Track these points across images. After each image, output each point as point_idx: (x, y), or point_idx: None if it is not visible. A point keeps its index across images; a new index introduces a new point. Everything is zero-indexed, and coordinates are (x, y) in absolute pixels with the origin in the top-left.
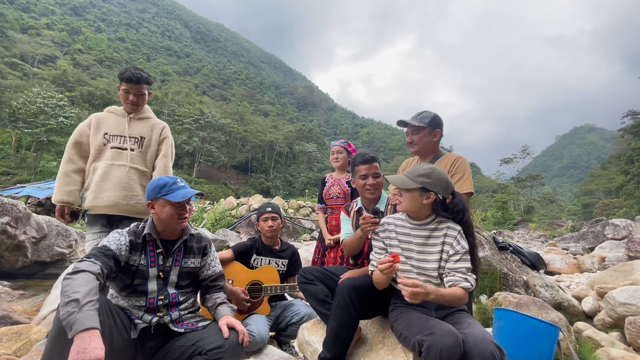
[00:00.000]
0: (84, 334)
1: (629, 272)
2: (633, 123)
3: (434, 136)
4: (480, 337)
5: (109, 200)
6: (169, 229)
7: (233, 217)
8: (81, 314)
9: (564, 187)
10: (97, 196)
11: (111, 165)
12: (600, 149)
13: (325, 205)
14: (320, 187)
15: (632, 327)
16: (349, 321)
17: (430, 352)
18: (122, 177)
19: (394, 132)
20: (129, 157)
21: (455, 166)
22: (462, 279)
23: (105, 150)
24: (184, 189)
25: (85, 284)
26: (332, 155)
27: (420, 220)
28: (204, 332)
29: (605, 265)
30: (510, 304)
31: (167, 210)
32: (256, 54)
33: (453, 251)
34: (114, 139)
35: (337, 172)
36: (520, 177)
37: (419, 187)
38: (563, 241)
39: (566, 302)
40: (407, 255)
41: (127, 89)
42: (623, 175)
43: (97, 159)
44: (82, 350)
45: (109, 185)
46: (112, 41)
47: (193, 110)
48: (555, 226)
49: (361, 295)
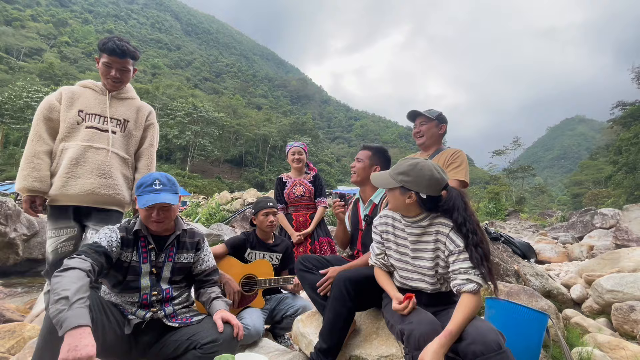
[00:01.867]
0: (75, 332)
1: (616, 259)
2: (622, 114)
3: (440, 129)
4: (481, 328)
5: (83, 188)
6: (150, 228)
7: (227, 211)
8: (71, 311)
9: (554, 177)
10: (67, 183)
11: (87, 147)
12: (590, 139)
13: (286, 204)
14: (280, 187)
15: (618, 313)
16: (345, 312)
17: (410, 340)
18: (100, 162)
19: (387, 124)
20: (110, 140)
21: (453, 158)
22: (464, 281)
23: (79, 129)
24: (155, 193)
25: (75, 282)
26: (292, 156)
27: (411, 218)
28: (198, 327)
29: (593, 253)
30: (502, 293)
31: (142, 211)
32: (248, 46)
33: (448, 252)
34: (91, 118)
35: (296, 172)
36: (512, 169)
37: (398, 186)
38: (553, 231)
39: (555, 290)
40: (402, 252)
41: (109, 62)
42: (612, 166)
43: (67, 139)
44: (73, 348)
45: (83, 171)
46: (100, 33)
47: (185, 104)
48: (545, 216)
49: (357, 286)
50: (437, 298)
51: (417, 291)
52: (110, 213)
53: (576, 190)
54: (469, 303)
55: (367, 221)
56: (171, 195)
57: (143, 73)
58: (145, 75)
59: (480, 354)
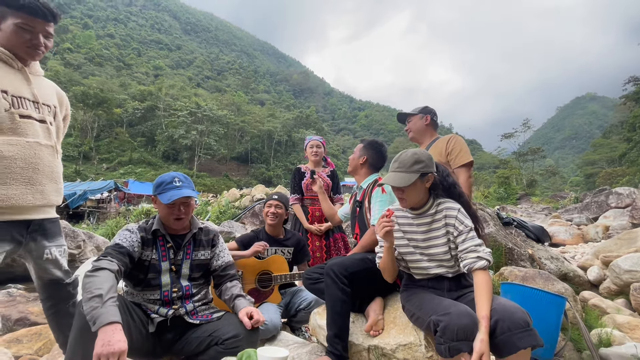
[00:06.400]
0: (108, 328)
1: (633, 239)
2: (635, 89)
3: (425, 120)
4: (508, 305)
5: (40, 198)
6: (168, 226)
7: (237, 208)
8: (104, 308)
9: (566, 158)
10: (10, 192)
11: (34, 144)
12: (602, 117)
13: (302, 195)
14: (297, 177)
15: (637, 293)
16: (339, 294)
17: (446, 332)
18: (52, 164)
19: (392, 113)
20: (53, 133)
21: (450, 145)
22: (475, 259)
23: (11, 120)
24: (177, 189)
25: (106, 281)
26: (310, 149)
27: (420, 209)
28: (219, 323)
29: (609, 234)
30: (517, 278)
31: (162, 209)
32: (248, 42)
33: (457, 232)
34: (22, 104)
35: (313, 165)
36: (522, 151)
37: (417, 176)
38: (566, 213)
39: (571, 273)
40: (414, 245)
41: (28, 24)
42: (625, 143)
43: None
44: (107, 343)
45: (39, 177)
46: (101, 38)
47: (189, 103)
48: (558, 198)
49: (345, 269)
50: (457, 282)
51: (439, 278)
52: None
53: (589, 170)
54: (487, 281)
55: (358, 206)
56: (191, 190)
57: (146, 75)
58: (148, 77)
59: (507, 330)
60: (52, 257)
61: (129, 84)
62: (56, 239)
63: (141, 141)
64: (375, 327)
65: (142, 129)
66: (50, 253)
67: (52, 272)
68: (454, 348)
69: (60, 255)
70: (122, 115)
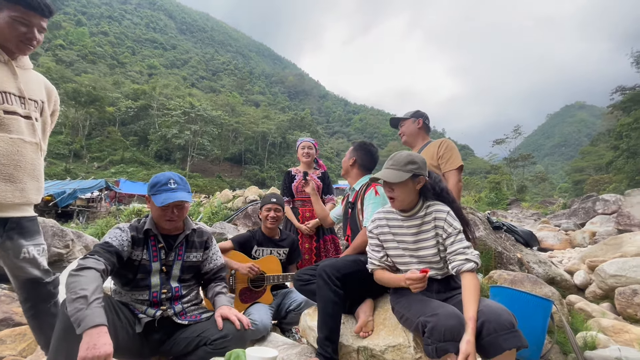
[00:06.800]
0: (93, 331)
1: (618, 245)
2: (622, 99)
3: (417, 124)
4: (494, 307)
5: (19, 196)
6: (161, 226)
7: (229, 209)
8: (90, 310)
9: (555, 165)
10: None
11: (17, 140)
12: (591, 126)
13: (292, 198)
14: (288, 180)
15: (621, 297)
16: (331, 295)
17: (433, 332)
18: (35, 162)
19: (386, 117)
20: (38, 130)
21: (441, 150)
22: (463, 261)
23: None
24: (171, 192)
25: (92, 281)
26: (302, 150)
27: (409, 211)
28: (207, 323)
29: (595, 239)
30: (505, 281)
31: (155, 210)
32: (244, 43)
33: (446, 234)
34: (7, 99)
35: (304, 167)
36: (513, 157)
37: (409, 175)
38: (555, 218)
39: (559, 277)
40: (404, 247)
41: (25, 18)
42: (612, 151)
43: None
44: (92, 346)
45: (20, 174)
46: (94, 35)
47: (183, 103)
48: (547, 204)
49: (338, 270)
50: (446, 284)
51: (428, 280)
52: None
53: (577, 177)
54: (474, 283)
55: (350, 207)
56: (186, 194)
57: (139, 74)
58: (142, 76)
59: (493, 331)
60: (30, 256)
61: (122, 82)
62: (34, 237)
63: (133, 140)
64: (365, 329)
65: (134, 128)
66: (28, 252)
67: (28, 271)
68: (441, 349)
69: (38, 254)
70: (114, 114)
